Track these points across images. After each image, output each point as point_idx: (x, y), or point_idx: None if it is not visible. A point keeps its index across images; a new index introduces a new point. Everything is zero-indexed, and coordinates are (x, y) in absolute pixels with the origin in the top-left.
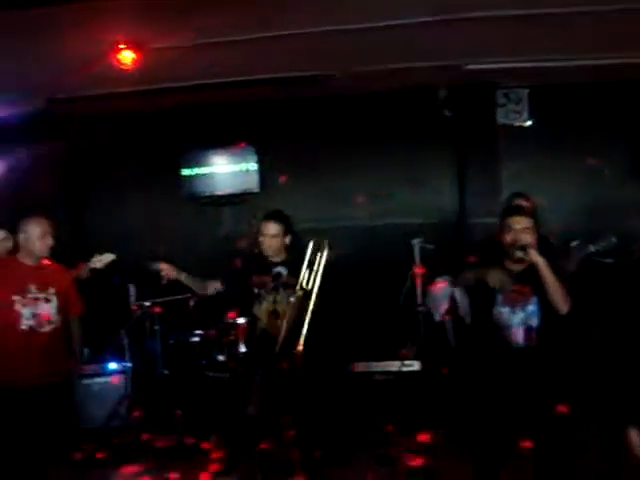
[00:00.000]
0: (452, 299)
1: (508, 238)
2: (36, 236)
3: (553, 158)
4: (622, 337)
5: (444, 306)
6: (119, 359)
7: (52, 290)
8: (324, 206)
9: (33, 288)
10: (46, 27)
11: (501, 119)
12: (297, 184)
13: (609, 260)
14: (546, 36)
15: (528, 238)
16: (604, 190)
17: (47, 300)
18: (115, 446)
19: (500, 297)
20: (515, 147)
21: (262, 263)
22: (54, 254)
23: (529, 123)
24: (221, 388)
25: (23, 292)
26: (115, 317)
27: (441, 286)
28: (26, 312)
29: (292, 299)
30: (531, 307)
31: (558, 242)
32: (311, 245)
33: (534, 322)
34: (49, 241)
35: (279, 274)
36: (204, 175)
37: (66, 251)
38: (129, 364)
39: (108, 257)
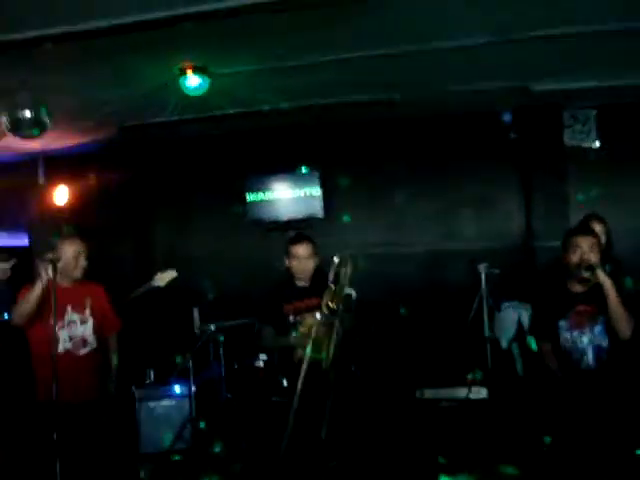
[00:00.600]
0: (519, 325)
1: (574, 258)
2: (70, 257)
3: (623, 181)
4: None
5: (511, 331)
6: (184, 382)
7: (88, 311)
8: (389, 231)
9: (70, 309)
10: (118, 54)
11: (568, 140)
12: (361, 209)
13: None
14: (612, 54)
15: (594, 257)
16: None
17: (83, 322)
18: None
19: (564, 322)
20: (583, 169)
21: (292, 289)
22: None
23: (597, 144)
24: (286, 413)
25: (60, 315)
26: (179, 340)
27: (508, 312)
28: (63, 335)
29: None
30: (598, 327)
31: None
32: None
33: (603, 343)
34: (83, 262)
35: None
36: (268, 201)
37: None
38: (193, 388)
39: (170, 274)
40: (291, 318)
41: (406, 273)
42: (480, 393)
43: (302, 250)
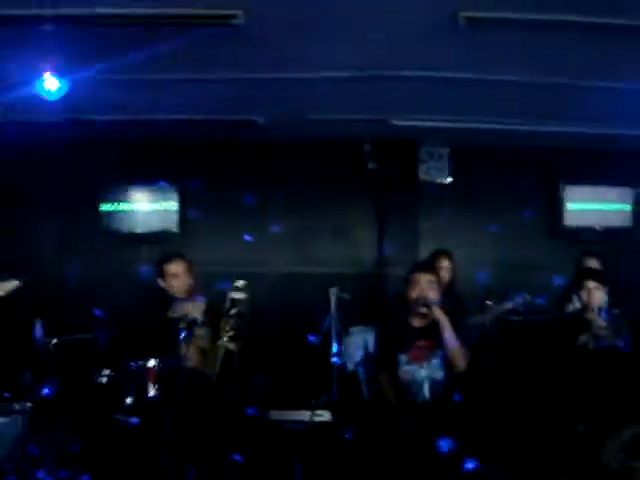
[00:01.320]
0: (366, 349)
1: (413, 294)
2: None
3: (471, 216)
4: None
5: (358, 356)
6: (19, 398)
7: None
8: (243, 250)
9: None
10: None
11: (422, 175)
12: (217, 226)
13: (518, 318)
14: (470, 99)
15: (432, 294)
16: (519, 248)
17: None
18: None
19: (404, 356)
20: (435, 203)
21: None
22: None
23: (449, 180)
24: (129, 433)
25: None
26: (20, 354)
27: (356, 336)
28: None
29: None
30: (435, 361)
31: (474, 300)
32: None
33: (439, 376)
34: None
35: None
36: (124, 212)
37: None
38: (29, 404)
39: (12, 283)
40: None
41: (260, 293)
42: (324, 416)
43: (172, 269)
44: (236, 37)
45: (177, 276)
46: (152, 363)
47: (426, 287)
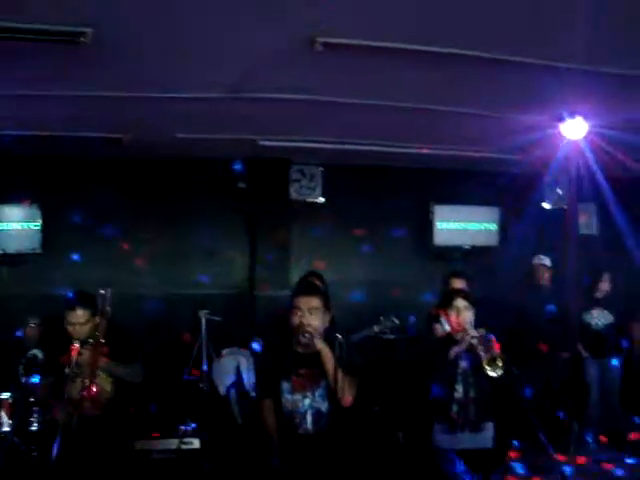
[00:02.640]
0: (238, 372)
1: (295, 320)
2: None
3: (343, 235)
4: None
5: (229, 379)
6: None
7: None
8: (110, 272)
9: None
10: None
11: (294, 194)
12: (83, 246)
13: (391, 336)
14: (336, 120)
15: (314, 322)
16: (391, 267)
17: None
18: None
19: (287, 384)
20: (307, 223)
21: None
22: None
23: (322, 200)
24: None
25: None
26: None
27: (227, 359)
28: None
29: None
30: (319, 391)
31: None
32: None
33: (323, 407)
34: None
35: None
36: None
37: None
38: None
39: None
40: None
41: (128, 316)
42: (193, 443)
43: (76, 316)
44: (90, 55)
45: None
46: (5, 396)
47: (308, 314)
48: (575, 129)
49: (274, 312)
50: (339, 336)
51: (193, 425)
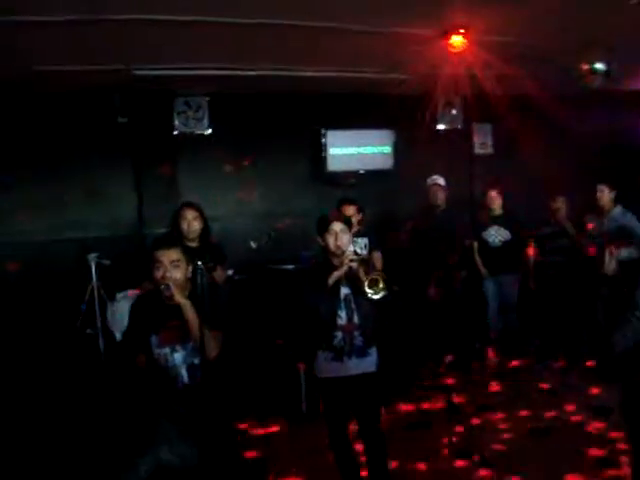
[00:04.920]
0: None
1: (157, 274)
2: None
3: (233, 166)
4: None
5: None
6: None
7: None
8: None
9: None
10: None
11: (180, 126)
12: None
13: (289, 267)
14: (215, 43)
15: (176, 275)
16: (283, 196)
17: None
18: None
19: (155, 338)
20: (194, 156)
21: None
22: None
23: (209, 131)
24: None
25: None
26: None
27: (122, 302)
28: None
29: None
30: (191, 344)
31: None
32: None
33: (196, 360)
34: None
35: None
36: None
37: None
38: None
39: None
40: None
41: (8, 265)
42: None
43: None
44: None
45: None
46: None
47: (168, 265)
48: (460, 42)
49: None
50: (199, 263)
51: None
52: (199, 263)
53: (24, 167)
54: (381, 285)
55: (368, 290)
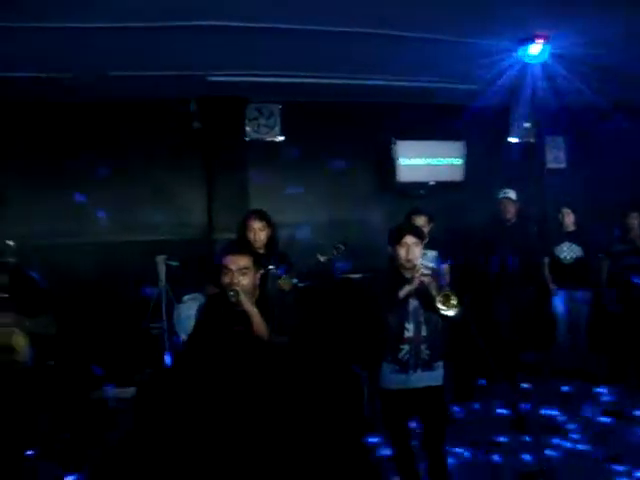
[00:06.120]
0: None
1: (225, 280)
2: None
3: (304, 174)
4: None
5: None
6: None
7: None
8: (65, 220)
9: None
10: None
11: (252, 133)
12: (35, 196)
13: (356, 276)
14: (291, 52)
15: (244, 282)
16: (352, 205)
17: None
18: None
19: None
20: (265, 162)
21: None
22: None
23: (281, 138)
24: None
25: None
26: None
27: (188, 304)
28: None
29: None
30: None
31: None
32: None
33: None
34: None
35: None
36: None
37: None
38: None
39: None
40: None
41: (79, 265)
42: None
43: None
44: None
45: None
46: None
47: (237, 274)
48: (537, 53)
49: None
50: (271, 267)
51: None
52: (271, 268)
53: (105, 170)
54: (453, 302)
55: (440, 307)
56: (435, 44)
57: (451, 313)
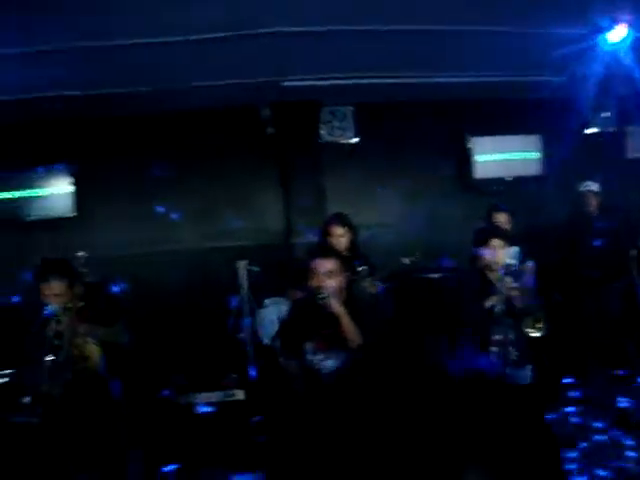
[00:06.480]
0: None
1: (313, 283)
2: None
3: (379, 175)
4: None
5: (273, 329)
6: None
7: None
8: (146, 230)
9: None
10: None
11: (326, 137)
12: (116, 207)
13: (435, 275)
14: (363, 53)
15: (331, 284)
16: (430, 205)
17: None
18: None
19: (310, 344)
20: (341, 165)
21: None
22: None
23: (355, 140)
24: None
25: None
26: None
27: (270, 308)
28: None
29: None
30: (345, 352)
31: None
32: None
33: (349, 367)
34: None
35: None
36: (14, 199)
37: None
38: None
39: None
40: None
41: (166, 272)
42: (237, 395)
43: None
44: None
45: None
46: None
47: (325, 276)
48: (618, 39)
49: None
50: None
51: (236, 377)
52: (361, 268)
53: (179, 176)
54: (539, 325)
55: (527, 330)
56: (508, 36)
57: (537, 334)
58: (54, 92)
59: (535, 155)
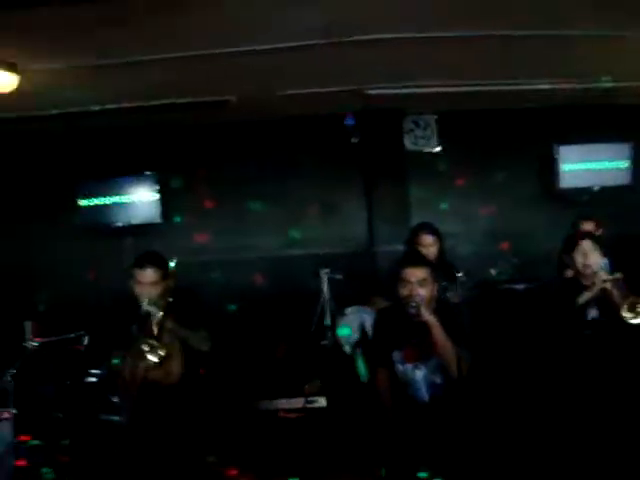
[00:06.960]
0: (363, 330)
1: (403, 292)
2: None
3: (463, 184)
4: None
5: (354, 338)
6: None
7: None
8: (231, 237)
9: None
10: None
11: (409, 145)
12: (202, 214)
13: (519, 287)
14: (449, 61)
15: (422, 293)
16: (515, 214)
17: None
18: None
19: (399, 354)
20: (424, 173)
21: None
22: None
23: (438, 149)
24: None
25: None
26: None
27: (351, 317)
28: None
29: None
30: (433, 362)
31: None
32: None
33: (438, 379)
34: None
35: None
36: (102, 206)
37: None
38: (13, 410)
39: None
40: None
41: (249, 279)
42: (319, 402)
43: (146, 277)
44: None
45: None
46: None
47: (417, 285)
48: None
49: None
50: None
51: (319, 383)
52: (459, 275)
53: (262, 185)
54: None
55: (626, 315)
56: (598, 40)
57: (637, 321)
58: (147, 101)
59: (624, 164)
